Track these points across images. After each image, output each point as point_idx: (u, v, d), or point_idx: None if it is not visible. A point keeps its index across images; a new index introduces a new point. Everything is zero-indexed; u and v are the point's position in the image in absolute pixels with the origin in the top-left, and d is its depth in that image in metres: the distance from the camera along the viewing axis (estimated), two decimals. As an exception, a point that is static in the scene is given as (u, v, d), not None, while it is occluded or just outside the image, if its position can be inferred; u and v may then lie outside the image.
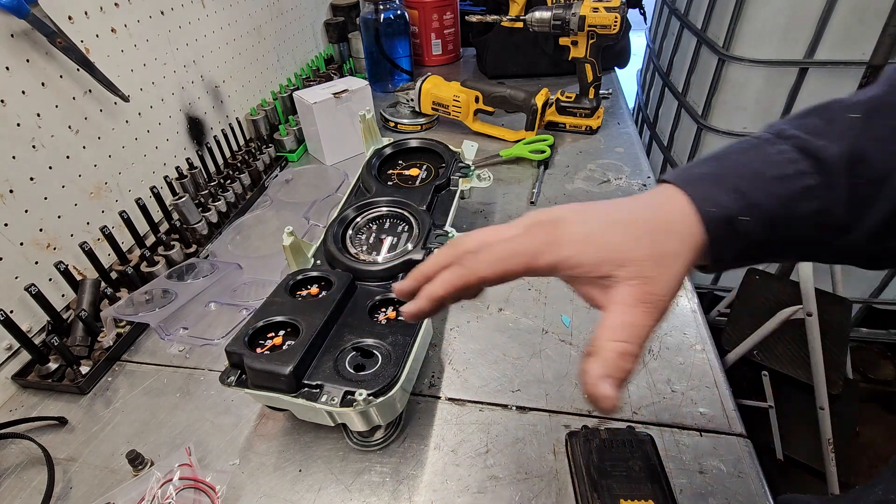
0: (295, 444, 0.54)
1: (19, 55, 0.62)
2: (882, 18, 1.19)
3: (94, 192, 0.74)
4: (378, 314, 0.55)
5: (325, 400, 0.45)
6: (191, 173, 0.86)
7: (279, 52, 1.20)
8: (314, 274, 0.58)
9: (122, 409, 0.59)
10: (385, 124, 1.17)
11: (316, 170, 1.02)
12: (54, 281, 0.67)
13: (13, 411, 0.60)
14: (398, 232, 0.67)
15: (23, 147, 0.63)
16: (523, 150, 0.99)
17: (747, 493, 0.47)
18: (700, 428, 0.53)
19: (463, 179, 0.74)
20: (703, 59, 1.52)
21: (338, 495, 0.49)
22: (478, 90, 1.05)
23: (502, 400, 0.57)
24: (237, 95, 1.05)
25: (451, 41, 1.45)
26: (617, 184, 0.92)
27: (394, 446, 0.53)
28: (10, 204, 0.62)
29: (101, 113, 0.74)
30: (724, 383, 0.57)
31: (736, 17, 1.33)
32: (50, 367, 0.61)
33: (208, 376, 0.62)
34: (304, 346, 0.47)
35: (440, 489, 0.49)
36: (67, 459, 0.54)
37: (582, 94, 1.07)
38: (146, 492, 0.48)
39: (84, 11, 0.70)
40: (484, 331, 0.66)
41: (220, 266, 0.73)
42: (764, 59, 1.34)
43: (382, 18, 1.21)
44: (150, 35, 0.81)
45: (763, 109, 1.41)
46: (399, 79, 1.32)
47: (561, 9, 0.97)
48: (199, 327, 0.68)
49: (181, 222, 0.78)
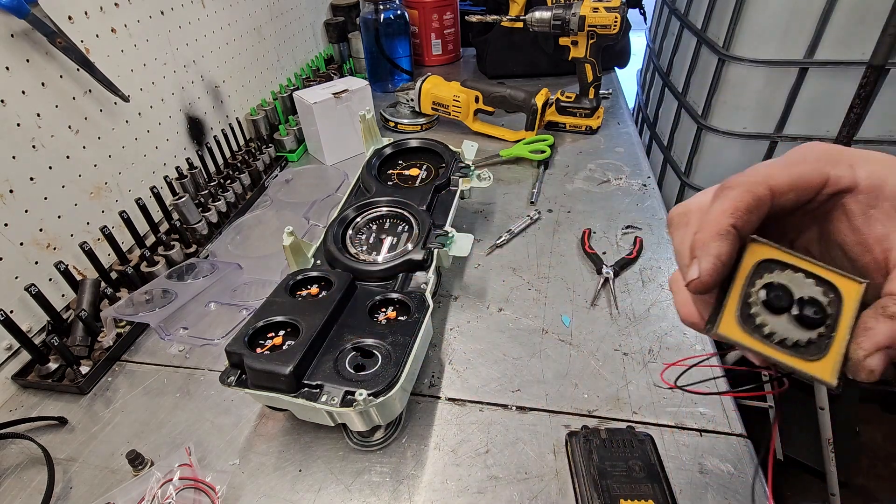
0: (295, 444, 0.54)
1: (19, 55, 0.62)
2: (882, 18, 1.19)
3: (94, 192, 0.74)
4: (378, 314, 0.55)
5: (325, 400, 0.45)
6: (191, 173, 0.86)
7: (279, 52, 1.20)
8: (314, 274, 0.58)
9: (122, 409, 0.59)
10: (385, 124, 1.17)
11: (316, 170, 1.02)
12: (54, 281, 0.67)
13: (13, 411, 0.60)
14: (398, 232, 0.67)
15: (23, 147, 0.63)
16: (523, 150, 0.99)
17: (747, 493, 0.47)
18: (700, 428, 0.53)
19: (463, 179, 0.74)
20: (703, 59, 1.52)
21: (338, 495, 0.49)
22: (478, 90, 1.05)
23: (502, 400, 0.57)
24: (237, 95, 1.05)
25: (451, 41, 1.45)
26: (617, 184, 0.92)
27: (394, 446, 0.53)
28: (10, 204, 0.62)
29: (101, 113, 0.74)
30: (724, 383, 0.57)
31: (736, 17, 1.33)
32: (50, 367, 0.61)
33: (208, 376, 0.62)
34: (304, 346, 0.47)
35: (440, 489, 0.49)
36: (67, 459, 0.54)
37: (582, 94, 1.07)
38: (146, 492, 0.48)
39: (84, 11, 0.70)
40: (484, 331, 0.66)
41: (220, 266, 0.73)
42: (764, 59, 1.34)
43: (382, 18, 1.21)
44: (150, 35, 0.81)
45: (763, 109, 1.41)
46: (399, 79, 1.32)
47: (561, 9, 0.97)
48: (199, 327, 0.68)
49: (181, 222, 0.78)
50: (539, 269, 0.74)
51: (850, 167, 0.24)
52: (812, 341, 0.22)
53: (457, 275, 0.75)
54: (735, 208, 0.23)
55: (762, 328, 0.23)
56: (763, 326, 0.23)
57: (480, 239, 0.81)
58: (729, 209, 0.23)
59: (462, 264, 0.77)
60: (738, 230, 0.23)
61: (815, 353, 0.22)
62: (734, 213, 0.23)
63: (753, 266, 0.23)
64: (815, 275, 0.23)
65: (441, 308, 0.70)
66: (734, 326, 0.23)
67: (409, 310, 0.54)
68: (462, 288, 0.73)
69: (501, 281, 0.73)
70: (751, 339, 0.22)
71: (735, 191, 0.24)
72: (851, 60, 1.27)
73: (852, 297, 0.23)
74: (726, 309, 0.23)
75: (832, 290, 0.23)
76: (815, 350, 0.22)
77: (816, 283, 0.23)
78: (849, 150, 0.25)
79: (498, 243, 0.79)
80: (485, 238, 0.81)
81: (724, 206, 0.24)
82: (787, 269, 0.23)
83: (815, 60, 1.29)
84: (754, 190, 0.23)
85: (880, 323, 0.22)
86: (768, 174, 0.24)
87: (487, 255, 0.78)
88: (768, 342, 0.22)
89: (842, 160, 0.24)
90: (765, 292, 0.23)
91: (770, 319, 0.23)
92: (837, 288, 0.23)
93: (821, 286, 0.23)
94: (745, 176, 0.24)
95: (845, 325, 0.22)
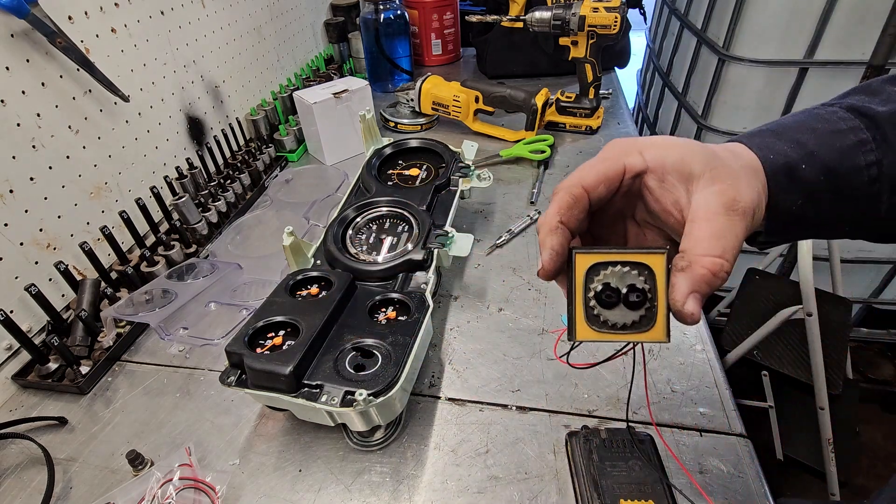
0: (295, 444, 0.54)
1: (19, 55, 0.62)
2: (882, 18, 1.19)
3: (94, 192, 0.74)
4: (378, 314, 0.55)
5: (325, 400, 0.45)
6: (191, 173, 0.86)
7: (279, 52, 1.20)
8: (314, 274, 0.58)
9: (122, 409, 0.59)
10: (385, 124, 1.17)
11: (316, 170, 1.02)
12: (54, 281, 0.67)
13: (13, 411, 0.60)
14: (398, 232, 0.67)
15: (23, 147, 0.63)
16: (523, 150, 0.99)
17: (747, 493, 0.47)
18: (700, 428, 0.53)
19: (463, 179, 0.74)
20: (703, 59, 1.52)
21: (338, 495, 0.49)
22: (478, 90, 1.05)
23: (502, 400, 0.57)
24: (237, 95, 1.05)
25: (451, 41, 1.45)
26: (617, 184, 0.92)
27: (394, 446, 0.53)
28: (10, 204, 0.62)
29: (101, 113, 0.74)
30: (724, 383, 0.57)
31: (736, 17, 1.33)
32: (50, 367, 0.61)
33: (208, 376, 0.62)
34: (304, 346, 0.47)
35: (440, 489, 0.49)
36: (67, 459, 0.54)
37: (582, 94, 1.07)
38: (146, 492, 0.48)
39: (84, 11, 0.70)
40: (484, 331, 0.66)
41: (220, 266, 0.73)
42: (764, 59, 1.34)
43: (382, 18, 1.21)
44: (150, 35, 0.81)
45: (763, 109, 1.41)
46: (399, 79, 1.32)
47: (561, 9, 0.97)
48: (199, 327, 0.68)
49: (181, 222, 0.78)
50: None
51: (639, 154, 0.30)
52: (643, 316, 0.28)
53: (457, 275, 0.75)
54: (560, 208, 0.30)
55: (606, 322, 0.28)
56: (606, 321, 0.28)
57: (480, 239, 0.81)
58: (555, 210, 0.30)
59: (462, 264, 0.77)
60: (565, 224, 0.29)
61: (647, 324, 0.28)
62: (559, 212, 0.30)
63: (584, 273, 0.29)
64: (629, 261, 0.29)
65: (441, 308, 0.70)
66: (586, 329, 0.28)
67: (409, 310, 0.54)
68: (462, 288, 0.73)
69: (501, 281, 0.73)
70: (601, 334, 0.28)
71: (558, 194, 0.30)
72: (851, 60, 1.27)
73: (660, 267, 0.29)
74: (577, 319, 0.28)
75: (645, 269, 0.29)
76: (647, 321, 0.28)
77: (632, 268, 0.29)
78: (642, 140, 0.30)
79: (498, 243, 0.79)
80: (485, 238, 0.81)
81: (551, 208, 0.30)
82: (608, 267, 0.29)
83: (815, 60, 1.29)
84: (571, 191, 0.30)
85: (679, 277, 0.28)
86: (581, 176, 0.30)
87: (487, 255, 0.78)
88: (613, 331, 0.28)
89: (634, 150, 0.30)
90: (597, 294, 0.29)
91: (608, 313, 0.28)
92: (647, 265, 0.28)
93: (636, 269, 0.29)
94: (567, 180, 0.31)
95: (661, 292, 0.28)
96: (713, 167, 0.29)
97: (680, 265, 0.28)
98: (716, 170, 0.29)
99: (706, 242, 0.27)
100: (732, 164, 0.30)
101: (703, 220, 0.28)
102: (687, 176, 0.29)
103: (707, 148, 0.30)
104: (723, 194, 0.28)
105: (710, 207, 0.28)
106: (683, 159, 0.29)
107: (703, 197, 0.28)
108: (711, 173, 0.29)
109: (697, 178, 0.29)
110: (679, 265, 0.28)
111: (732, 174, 0.29)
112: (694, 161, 0.29)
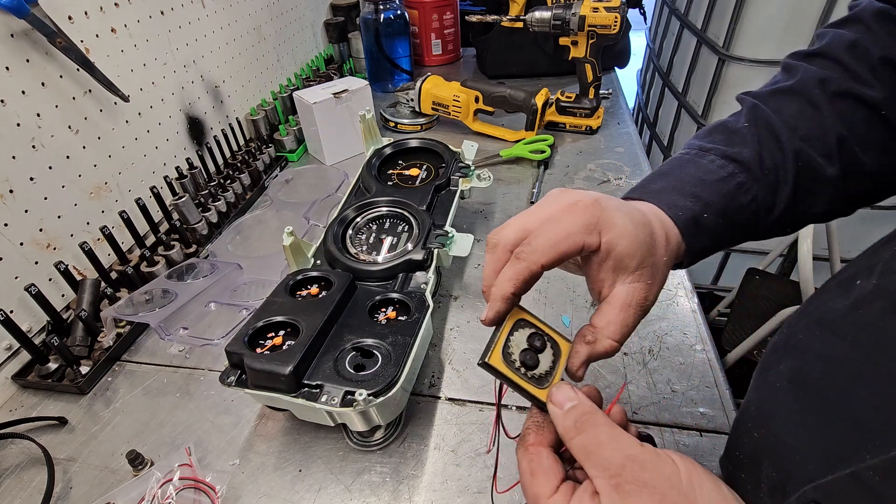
0: (295, 444, 0.54)
1: (19, 55, 0.62)
2: (882, 18, 1.19)
3: (94, 192, 0.74)
4: (378, 314, 0.55)
5: (325, 400, 0.45)
6: (191, 173, 0.86)
7: (279, 52, 1.20)
8: (314, 274, 0.58)
9: (122, 409, 0.59)
10: (385, 124, 1.17)
11: (316, 170, 1.02)
12: (54, 281, 0.67)
13: (13, 411, 0.60)
14: (398, 232, 0.67)
15: (23, 147, 0.63)
16: (523, 150, 0.99)
17: (747, 493, 0.47)
18: (700, 428, 0.53)
19: (463, 179, 0.74)
20: (703, 59, 1.52)
21: (338, 495, 0.49)
22: (478, 90, 1.05)
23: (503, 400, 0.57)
24: (237, 95, 1.05)
25: (451, 41, 1.45)
26: (617, 184, 0.92)
27: (394, 446, 0.53)
28: (10, 204, 0.62)
29: (101, 113, 0.74)
30: (724, 383, 0.57)
31: (736, 17, 1.33)
32: (50, 367, 0.61)
33: (208, 376, 0.62)
34: (304, 346, 0.47)
35: (440, 489, 0.49)
36: (67, 459, 0.54)
37: (582, 94, 1.07)
38: (146, 492, 0.48)
39: (84, 11, 0.70)
40: (484, 331, 0.65)
41: (220, 266, 0.73)
42: (764, 59, 1.34)
43: (382, 18, 1.21)
44: (149, 35, 0.81)
45: (763, 109, 1.41)
46: (399, 79, 1.32)
47: (561, 9, 0.97)
48: (199, 327, 0.68)
49: (181, 222, 0.78)
50: (539, 269, 0.74)
51: (598, 234, 0.33)
52: (543, 375, 0.33)
53: (457, 275, 0.75)
54: (517, 280, 0.33)
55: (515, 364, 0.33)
56: (516, 363, 0.33)
57: (480, 239, 0.81)
58: (513, 279, 0.33)
59: (462, 264, 0.77)
60: (515, 294, 0.33)
61: (544, 383, 0.33)
62: (515, 284, 0.33)
63: (513, 323, 0.34)
64: (546, 333, 0.35)
65: (441, 308, 0.70)
66: (499, 361, 0.32)
67: (409, 310, 0.54)
68: (462, 288, 0.73)
69: (501, 281, 0.73)
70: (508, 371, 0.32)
71: (521, 265, 0.33)
72: (851, 60, 1.26)
73: (565, 349, 0.35)
74: (494, 348, 0.33)
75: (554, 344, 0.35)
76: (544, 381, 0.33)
77: (547, 339, 0.35)
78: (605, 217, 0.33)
79: (498, 243, 0.79)
80: (485, 238, 0.81)
81: (509, 274, 0.33)
82: (530, 327, 0.35)
83: (815, 60, 1.29)
84: (532, 267, 0.32)
85: (583, 347, 0.34)
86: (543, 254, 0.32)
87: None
88: (518, 374, 0.33)
89: (595, 229, 0.33)
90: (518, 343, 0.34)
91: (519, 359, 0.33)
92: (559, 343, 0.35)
93: (549, 341, 0.35)
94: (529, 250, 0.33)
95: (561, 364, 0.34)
96: (643, 267, 0.34)
97: (588, 338, 0.34)
98: (644, 270, 0.34)
99: (614, 327, 0.33)
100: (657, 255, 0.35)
101: (618, 309, 0.34)
102: (623, 268, 0.34)
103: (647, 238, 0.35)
104: (640, 292, 0.34)
105: (627, 300, 0.34)
106: (628, 251, 0.33)
107: (625, 290, 0.34)
108: (640, 271, 0.34)
109: (629, 273, 0.34)
110: (587, 338, 0.34)
111: (654, 273, 0.35)
112: (634, 257, 0.34)
